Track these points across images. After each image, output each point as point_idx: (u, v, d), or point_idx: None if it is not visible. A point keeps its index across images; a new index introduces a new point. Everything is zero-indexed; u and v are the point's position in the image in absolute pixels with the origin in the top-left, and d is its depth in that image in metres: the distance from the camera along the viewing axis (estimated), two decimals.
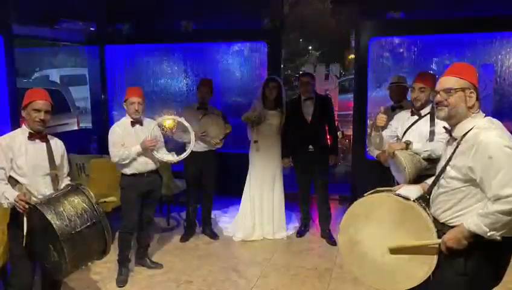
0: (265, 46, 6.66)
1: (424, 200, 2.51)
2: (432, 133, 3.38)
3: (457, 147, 2.31)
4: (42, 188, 3.10)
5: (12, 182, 3.03)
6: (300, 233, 5.39)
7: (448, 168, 2.35)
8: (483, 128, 2.23)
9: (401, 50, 6.28)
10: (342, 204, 6.52)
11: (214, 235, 5.35)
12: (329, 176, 5.51)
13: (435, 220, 2.42)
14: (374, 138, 3.52)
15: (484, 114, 2.35)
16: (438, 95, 2.36)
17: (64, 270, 2.84)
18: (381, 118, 3.36)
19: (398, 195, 2.49)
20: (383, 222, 2.50)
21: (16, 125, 4.91)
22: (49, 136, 3.22)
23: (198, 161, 5.00)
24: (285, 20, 6.67)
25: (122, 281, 4.23)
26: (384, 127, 3.53)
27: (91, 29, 6.83)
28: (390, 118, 3.68)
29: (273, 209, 5.26)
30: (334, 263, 4.60)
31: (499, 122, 2.31)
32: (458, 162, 2.28)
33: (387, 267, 2.50)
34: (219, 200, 5.93)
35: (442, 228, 2.38)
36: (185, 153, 4.33)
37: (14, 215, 2.99)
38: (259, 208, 5.24)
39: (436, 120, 3.29)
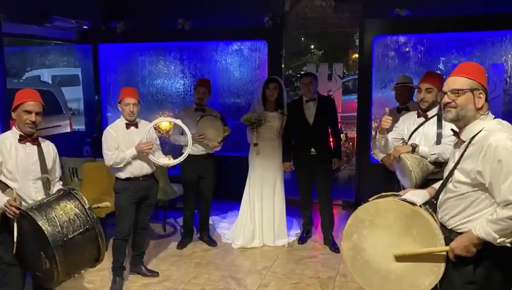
0: (266, 45, 6.68)
1: (431, 205, 2.51)
2: (439, 136, 3.39)
3: (465, 150, 2.31)
4: (33, 193, 3.11)
5: (2, 186, 3.04)
6: (302, 240, 5.39)
7: (456, 172, 2.35)
8: (492, 130, 2.24)
9: (407, 49, 6.29)
10: (346, 210, 6.53)
11: (212, 242, 5.35)
12: (332, 180, 5.51)
13: (443, 226, 2.42)
14: (379, 140, 3.53)
15: (493, 116, 2.36)
16: (446, 96, 2.36)
17: (56, 278, 2.85)
18: (387, 120, 3.36)
19: (404, 200, 2.50)
20: (389, 228, 2.50)
21: (5, 127, 4.93)
22: (40, 139, 3.23)
23: (195, 164, 5.01)
24: (286, 18, 6.68)
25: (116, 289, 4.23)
26: (389, 130, 3.54)
27: (84, 27, 6.83)
28: (395, 120, 3.69)
29: (273, 215, 5.26)
30: (337, 271, 4.60)
31: (509, 124, 2.32)
32: (466, 166, 2.28)
33: (392, 275, 2.50)
34: (217, 205, 5.93)
35: (449, 234, 2.38)
36: (181, 157, 4.33)
37: (4, 221, 2.99)
38: (259, 213, 5.24)
39: (443, 122, 3.30)
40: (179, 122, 4.42)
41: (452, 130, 2.47)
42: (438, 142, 3.38)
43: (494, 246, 2.19)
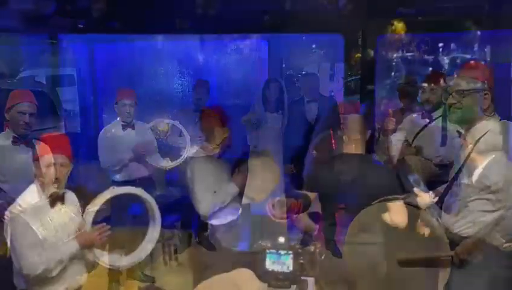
0: (266, 44, 6.67)
1: (436, 209, 2.51)
2: (444, 137, 3.39)
3: (471, 152, 2.31)
4: (27, 195, 3.09)
5: None
6: (303, 244, 5.37)
7: (461, 174, 2.35)
8: (498, 132, 2.24)
9: (411, 48, 6.29)
10: (348, 213, 6.49)
11: (210, 246, 5.33)
12: None
13: (447, 230, 2.42)
14: (382, 142, 3.53)
15: (500, 117, 2.35)
16: (451, 97, 2.36)
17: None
18: (390, 121, 3.36)
19: (408, 203, 2.49)
20: (392, 232, 2.50)
21: None
22: (34, 141, 3.22)
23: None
24: (287, 16, 6.67)
25: None
26: (393, 131, 3.53)
27: (79, 26, 6.83)
28: (399, 121, 3.69)
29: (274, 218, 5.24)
30: (339, 276, 4.58)
31: None
32: (472, 169, 2.27)
33: (396, 280, 2.50)
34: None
35: (454, 238, 2.37)
36: (180, 159, 4.33)
37: None
38: (259, 216, 5.22)
39: (448, 123, 3.29)
40: (177, 123, 4.42)
41: (457, 131, 2.47)
42: (443, 143, 3.38)
43: (499, 251, 2.19)
